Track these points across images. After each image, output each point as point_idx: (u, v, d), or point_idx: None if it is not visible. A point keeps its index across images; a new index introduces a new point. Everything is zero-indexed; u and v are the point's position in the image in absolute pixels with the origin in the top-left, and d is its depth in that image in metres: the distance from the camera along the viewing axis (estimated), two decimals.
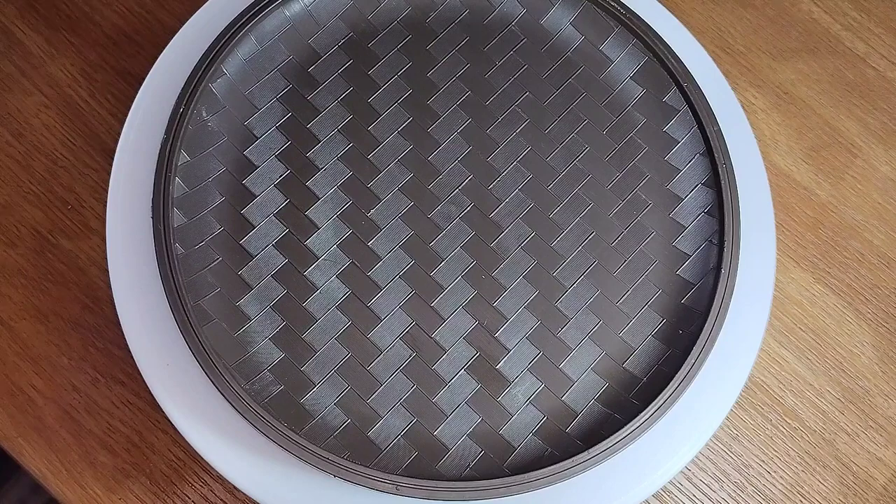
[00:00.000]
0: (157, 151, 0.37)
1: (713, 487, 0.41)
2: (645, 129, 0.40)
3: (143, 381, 0.36)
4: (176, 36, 0.41)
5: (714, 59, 0.42)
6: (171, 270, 0.35)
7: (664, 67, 0.40)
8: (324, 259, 0.37)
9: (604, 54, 0.41)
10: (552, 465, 0.33)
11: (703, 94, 0.40)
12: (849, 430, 0.42)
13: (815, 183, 0.46)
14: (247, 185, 0.38)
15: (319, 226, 0.38)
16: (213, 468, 0.35)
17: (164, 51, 0.40)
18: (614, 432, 0.34)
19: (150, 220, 0.36)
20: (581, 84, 0.41)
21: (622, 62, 0.41)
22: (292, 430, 0.33)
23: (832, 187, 0.46)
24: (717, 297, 0.36)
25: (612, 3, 0.41)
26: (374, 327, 0.36)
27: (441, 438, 0.35)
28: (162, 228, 0.36)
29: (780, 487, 0.41)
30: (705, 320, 0.36)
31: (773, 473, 0.42)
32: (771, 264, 0.39)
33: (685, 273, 0.38)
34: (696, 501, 0.41)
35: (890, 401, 0.43)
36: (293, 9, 0.40)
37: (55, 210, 0.43)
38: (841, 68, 0.48)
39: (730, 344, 0.37)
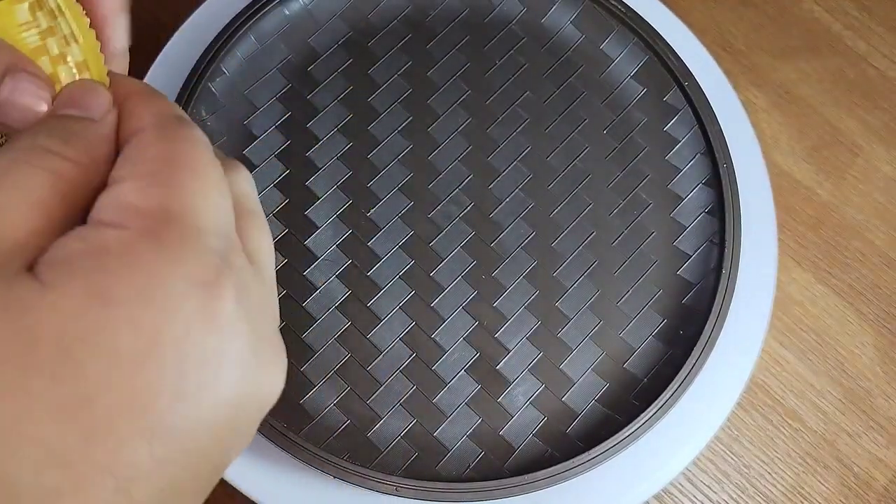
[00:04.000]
0: None
1: (714, 489, 0.41)
2: (645, 128, 0.40)
3: None
4: (175, 35, 0.40)
5: (715, 58, 0.42)
6: None
7: (665, 66, 0.40)
8: (323, 259, 0.37)
9: (604, 53, 0.41)
10: (552, 465, 0.33)
11: (704, 94, 0.40)
12: (850, 430, 0.42)
13: (817, 182, 0.46)
14: None
15: (319, 226, 0.37)
16: None
17: (164, 50, 0.40)
18: (615, 433, 0.34)
19: None
20: (581, 83, 0.41)
21: (623, 61, 0.41)
22: (291, 431, 0.33)
23: (834, 187, 0.46)
24: (717, 297, 0.36)
25: (613, 2, 0.41)
26: (373, 328, 0.36)
27: (441, 439, 0.35)
28: None
29: (781, 488, 0.41)
30: (706, 320, 0.36)
31: (774, 474, 0.41)
32: (772, 264, 0.39)
33: (686, 273, 0.38)
34: (697, 503, 0.41)
35: (891, 401, 0.43)
36: (293, 7, 0.40)
37: None
38: (842, 67, 0.48)
39: (731, 344, 0.36)
